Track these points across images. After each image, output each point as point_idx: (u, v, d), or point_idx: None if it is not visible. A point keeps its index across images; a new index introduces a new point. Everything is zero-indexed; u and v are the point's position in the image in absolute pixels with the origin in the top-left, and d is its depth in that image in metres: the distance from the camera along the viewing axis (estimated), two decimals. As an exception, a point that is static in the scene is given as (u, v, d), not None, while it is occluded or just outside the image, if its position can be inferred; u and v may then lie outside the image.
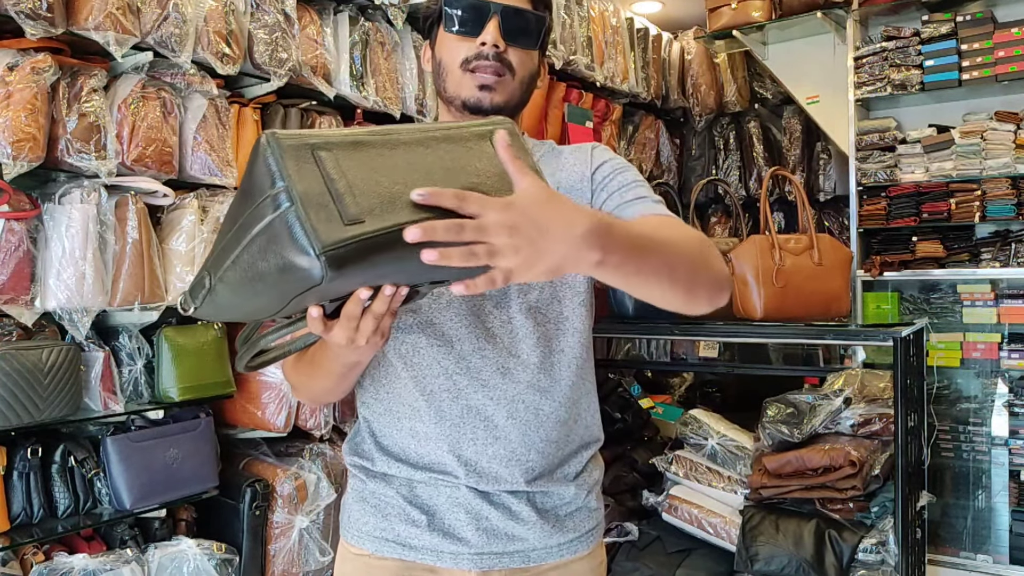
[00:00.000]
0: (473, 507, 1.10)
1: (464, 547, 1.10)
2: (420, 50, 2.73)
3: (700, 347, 3.19)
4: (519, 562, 1.12)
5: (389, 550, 1.12)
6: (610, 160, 1.18)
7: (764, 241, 2.39)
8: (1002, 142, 3.42)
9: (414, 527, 1.11)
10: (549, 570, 1.14)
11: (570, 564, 1.16)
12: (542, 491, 1.13)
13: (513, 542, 1.11)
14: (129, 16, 1.91)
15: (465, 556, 1.10)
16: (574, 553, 1.15)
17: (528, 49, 1.15)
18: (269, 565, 2.17)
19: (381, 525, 1.13)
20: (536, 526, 1.11)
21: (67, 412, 1.83)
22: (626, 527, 2.60)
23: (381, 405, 1.15)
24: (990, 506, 3.41)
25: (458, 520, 1.10)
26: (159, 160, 2.01)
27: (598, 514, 1.21)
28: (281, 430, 2.25)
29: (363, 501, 1.16)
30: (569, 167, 1.18)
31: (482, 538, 1.10)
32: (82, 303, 1.84)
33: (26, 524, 1.84)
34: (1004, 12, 3.50)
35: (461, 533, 1.10)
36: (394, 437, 1.14)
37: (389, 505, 1.13)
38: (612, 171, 1.16)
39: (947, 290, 3.60)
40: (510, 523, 1.11)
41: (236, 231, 0.75)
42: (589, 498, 1.18)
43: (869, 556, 2.18)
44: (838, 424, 2.36)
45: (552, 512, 1.14)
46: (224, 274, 0.78)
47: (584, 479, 1.18)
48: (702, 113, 4.36)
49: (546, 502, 1.13)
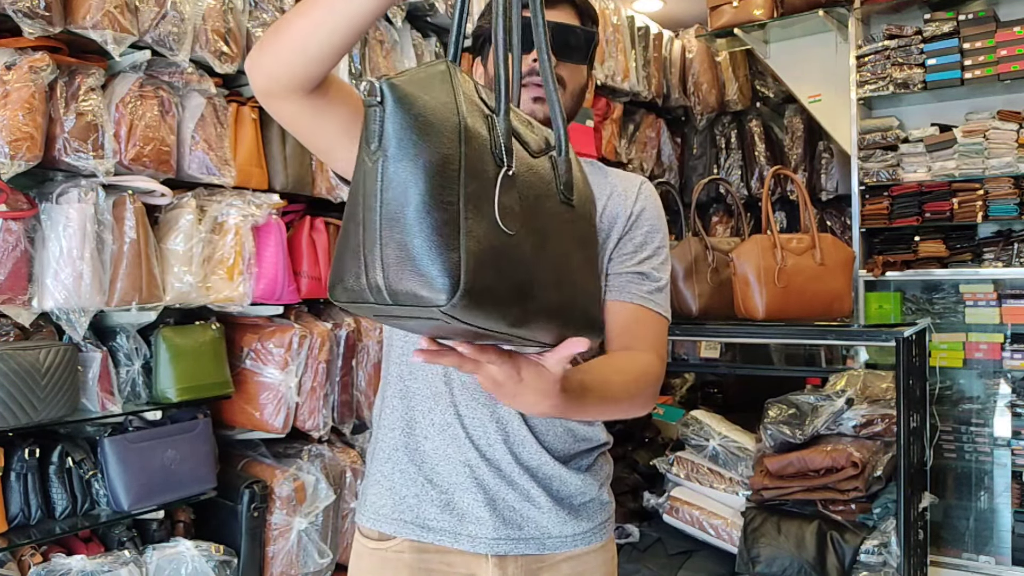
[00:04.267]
0: (491, 487, 1.13)
1: (481, 529, 1.12)
2: (419, 48, 2.72)
3: (701, 347, 3.17)
4: (534, 548, 1.14)
5: (407, 531, 1.14)
6: (649, 210, 1.23)
7: (766, 241, 2.38)
8: (1004, 141, 3.41)
9: (432, 506, 1.14)
10: (563, 561, 1.16)
11: (584, 555, 1.18)
12: (558, 476, 1.16)
13: (528, 527, 1.14)
14: (127, 15, 1.90)
15: (482, 540, 1.12)
16: (588, 544, 1.18)
17: (578, 64, 1.19)
18: (267, 567, 2.16)
19: (399, 506, 1.15)
20: (552, 512, 1.14)
21: (64, 413, 1.83)
22: (627, 529, 2.59)
23: (415, 382, 1.18)
24: (992, 507, 3.39)
25: (476, 500, 1.12)
26: (157, 159, 1.99)
27: (610, 507, 1.24)
28: (280, 431, 2.24)
29: (378, 483, 1.18)
30: (618, 196, 1.22)
31: (498, 520, 1.12)
32: (79, 303, 1.83)
33: (24, 525, 1.83)
34: (1006, 11, 3.49)
35: (478, 513, 1.12)
36: (420, 412, 1.17)
37: (405, 485, 1.15)
38: (645, 226, 1.21)
39: (949, 290, 3.59)
40: (526, 505, 1.14)
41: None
42: (602, 491, 1.22)
43: (871, 557, 2.17)
44: (840, 425, 2.35)
45: (567, 500, 1.17)
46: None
47: (596, 472, 1.22)
48: (703, 112, 4.35)
49: (561, 490, 1.16)
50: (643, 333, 1.16)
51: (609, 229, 1.20)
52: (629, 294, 1.17)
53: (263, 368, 2.23)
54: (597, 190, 1.20)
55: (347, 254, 0.71)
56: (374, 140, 0.70)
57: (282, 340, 2.22)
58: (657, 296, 1.19)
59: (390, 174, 0.69)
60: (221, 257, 2.12)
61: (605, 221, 1.19)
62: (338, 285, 0.72)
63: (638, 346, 1.15)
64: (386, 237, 0.69)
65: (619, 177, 1.26)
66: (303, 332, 2.25)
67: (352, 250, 0.71)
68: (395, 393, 1.19)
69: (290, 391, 2.23)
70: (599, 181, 1.22)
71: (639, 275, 1.18)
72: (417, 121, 0.70)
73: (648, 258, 1.20)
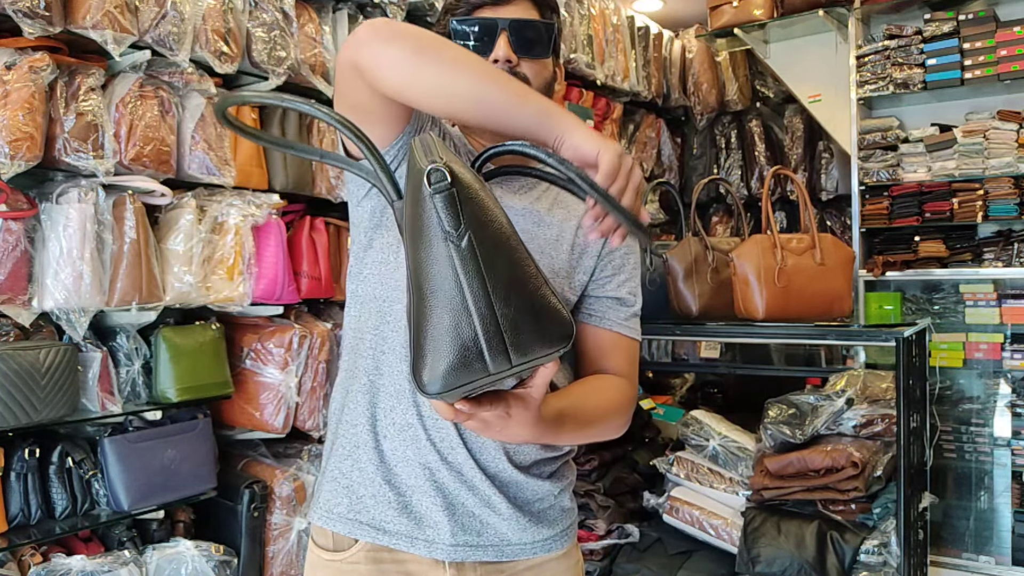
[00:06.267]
0: (450, 491, 1.09)
1: (438, 534, 1.09)
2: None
3: (701, 347, 3.17)
4: (492, 555, 1.11)
5: (361, 532, 1.10)
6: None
7: (766, 241, 2.38)
8: (1004, 141, 3.41)
9: (389, 508, 1.10)
10: (524, 570, 1.14)
11: (545, 563, 1.16)
12: (518, 482, 1.13)
13: (487, 533, 1.11)
14: (127, 15, 1.90)
15: (439, 545, 1.09)
16: (548, 551, 1.15)
17: (541, 59, 1.16)
18: (267, 566, 2.16)
19: (355, 507, 1.11)
20: (512, 519, 1.11)
21: (65, 413, 1.83)
22: (627, 529, 2.59)
23: (380, 378, 1.13)
24: (992, 507, 3.39)
25: (434, 504, 1.09)
26: (157, 159, 2.00)
27: (572, 514, 1.22)
28: (279, 431, 2.24)
29: (335, 480, 1.14)
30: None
31: (456, 526, 1.09)
32: (80, 303, 1.83)
33: (24, 525, 1.83)
34: (1006, 11, 3.49)
35: (435, 517, 1.09)
36: (382, 408, 1.12)
37: (363, 485, 1.11)
38: (626, 250, 1.22)
39: (949, 290, 3.58)
40: (485, 511, 1.10)
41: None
42: (563, 497, 1.19)
43: (871, 558, 2.17)
44: (840, 425, 2.35)
45: (527, 507, 1.14)
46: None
47: (558, 478, 1.19)
48: (703, 112, 4.35)
49: (520, 496, 1.13)
50: (618, 359, 1.19)
51: (586, 244, 1.19)
52: (608, 321, 1.19)
53: (263, 368, 2.23)
54: (576, 199, 1.19)
55: (445, 344, 0.74)
56: (451, 223, 0.72)
57: (282, 340, 2.22)
58: (632, 321, 1.21)
59: (484, 251, 0.73)
60: (221, 257, 2.12)
61: (581, 236, 1.19)
62: (435, 379, 0.75)
63: (612, 371, 1.18)
64: (501, 311, 0.73)
65: None
66: (303, 332, 2.25)
67: (454, 337, 0.73)
68: (360, 388, 1.14)
69: (290, 391, 2.23)
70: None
71: (616, 300, 1.20)
72: (480, 194, 0.75)
73: (626, 280, 1.21)
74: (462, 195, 0.72)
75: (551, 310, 0.77)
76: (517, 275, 0.75)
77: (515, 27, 1.12)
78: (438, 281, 0.74)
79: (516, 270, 0.75)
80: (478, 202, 0.74)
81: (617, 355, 1.19)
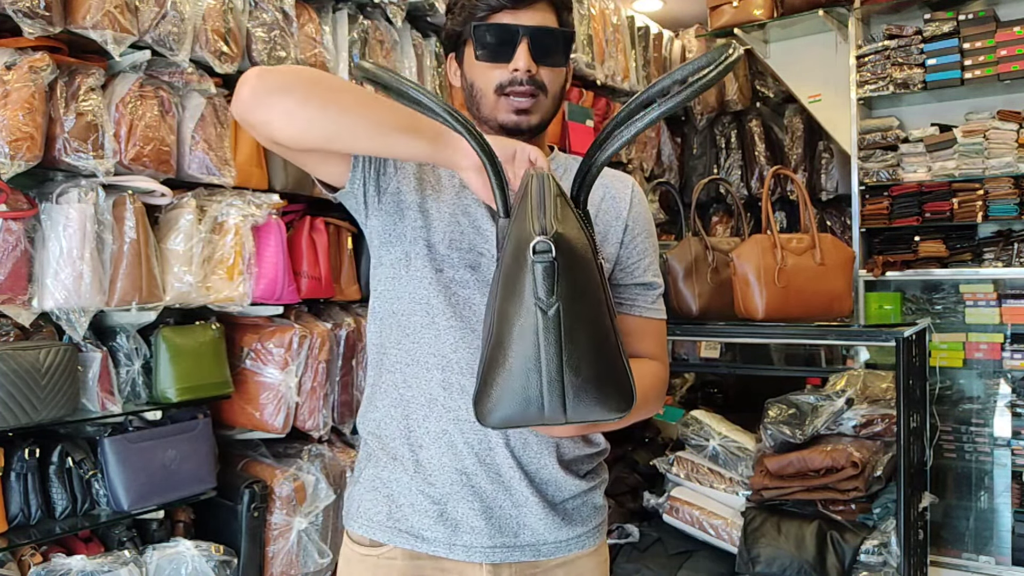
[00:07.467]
0: (487, 495, 1.12)
1: (476, 538, 1.11)
2: (419, 49, 2.72)
3: (701, 347, 3.17)
4: (530, 555, 1.14)
5: (400, 540, 1.13)
6: (644, 214, 1.26)
7: (766, 241, 2.38)
8: (1004, 141, 3.41)
9: (426, 517, 1.12)
10: (556, 567, 1.16)
11: (576, 560, 1.18)
12: (556, 480, 1.15)
13: (524, 533, 1.13)
14: (127, 14, 1.90)
15: (477, 549, 1.11)
16: (581, 548, 1.19)
17: (559, 67, 1.18)
18: (267, 567, 2.16)
19: (394, 515, 1.14)
20: (547, 518, 1.14)
21: (65, 413, 1.82)
22: (627, 529, 2.59)
23: (409, 391, 1.16)
24: (992, 507, 3.39)
25: (471, 509, 1.12)
26: (157, 159, 1.99)
27: (603, 511, 1.25)
28: (280, 431, 2.24)
29: (374, 490, 1.17)
30: (611, 199, 1.24)
31: (493, 528, 1.11)
32: (79, 303, 1.83)
33: (24, 525, 1.83)
34: (1006, 11, 3.49)
35: (473, 522, 1.11)
36: (416, 417, 1.15)
37: (402, 495, 1.14)
38: (643, 232, 1.24)
39: (949, 290, 3.58)
40: (522, 511, 1.13)
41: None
42: (594, 494, 1.23)
43: (871, 558, 2.17)
44: (840, 425, 2.35)
45: (562, 505, 1.17)
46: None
47: (593, 476, 1.23)
48: (703, 112, 4.35)
49: (557, 495, 1.16)
50: (649, 342, 1.22)
51: (606, 231, 1.21)
52: (639, 308, 1.22)
53: (263, 368, 2.23)
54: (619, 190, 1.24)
55: (510, 393, 0.78)
56: (545, 293, 0.74)
57: (282, 340, 2.22)
58: (658, 303, 1.25)
59: (568, 323, 0.75)
60: (221, 257, 2.12)
61: (601, 224, 1.21)
62: (493, 418, 0.80)
63: (645, 354, 1.21)
64: (570, 379, 0.76)
65: (609, 176, 1.26)
66: (303, 332, 2.25)
67: (521, 389, 0.78)
68: (392, 403, 1.17)
69: (290, 391, 2.23)
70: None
71: (644, 286, 1.23)
72: (580, 261, 0.77)
73: (650, 264, 1.25)
74: (562, 266, 0.74)
75: (617, 381, 0.79)
76: (595, 345, 0.77)
77: (535, 35, 1.13)
78: (518, 335, 0.76)
79: (595, 340, 0.77)
80: (576, 271, 0.76)
81: (648, 338, 1.22)
